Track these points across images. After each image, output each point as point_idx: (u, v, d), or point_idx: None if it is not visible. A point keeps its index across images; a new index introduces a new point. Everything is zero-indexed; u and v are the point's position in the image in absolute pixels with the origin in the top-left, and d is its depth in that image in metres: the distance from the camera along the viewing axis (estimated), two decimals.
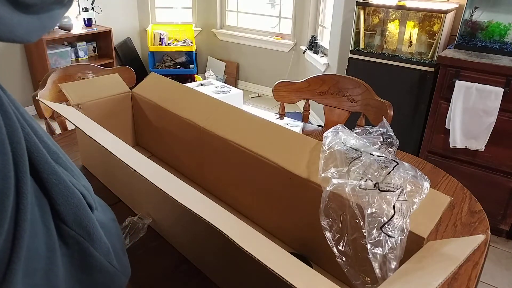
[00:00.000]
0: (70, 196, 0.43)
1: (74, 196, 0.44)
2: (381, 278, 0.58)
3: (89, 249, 0.44)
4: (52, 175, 0.41)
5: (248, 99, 4.06)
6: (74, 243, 0.43)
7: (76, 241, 0.43)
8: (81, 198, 0.44)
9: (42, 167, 0.40)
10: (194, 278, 0.74)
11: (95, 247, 0.45)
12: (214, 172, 0.96)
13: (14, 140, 0.35)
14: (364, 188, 0.64)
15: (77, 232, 0.43)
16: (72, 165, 0.50)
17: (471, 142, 1.92)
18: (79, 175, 0.50)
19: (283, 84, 1.64)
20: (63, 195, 0.42)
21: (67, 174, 0.46)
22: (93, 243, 0.45)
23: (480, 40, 2.08)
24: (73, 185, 0.45)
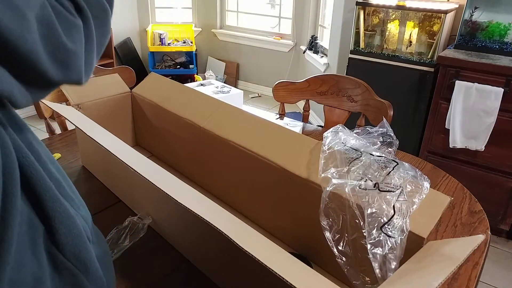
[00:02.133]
0: (71, 226, 0.42)
1: (75, 227, 0.42)
2: (381, 278, 0.58)
3: (84, 283, 0.42)
4: (56, 202, 0.40)
5: (248, 99, 4.06)
6: (69, 275, 0.41)
7: (71, 273, 0.41)
8: (81, 230, 0.43)
9: (47, 194, 0.39)
10: (194, 278, 0.74)
11: (90, 280, 0.43)
12: (214, 172, 0.96)
13: (6, 173, 0.35)
14: (364, 188, 0.64)
15: (74, 264, 0.41)
16: (74, 193, 0.49)
17: (471, 142, 1.92)
18: (79, 204, 0.49)
19: (283, 84, 1.64)
20: (65, 225, 0.41)
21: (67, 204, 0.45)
22: (89, 277, 0.43)
23: (480, 40, 2.08)
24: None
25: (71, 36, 0.37)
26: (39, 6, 0.34)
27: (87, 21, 0.40)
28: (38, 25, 0.34)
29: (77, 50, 0.38)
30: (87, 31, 0.40)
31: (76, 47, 0.38)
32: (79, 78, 0.40)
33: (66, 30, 0.37)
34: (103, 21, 0.43)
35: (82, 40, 0.39)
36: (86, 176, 1.04)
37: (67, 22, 0.37)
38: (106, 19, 0.44)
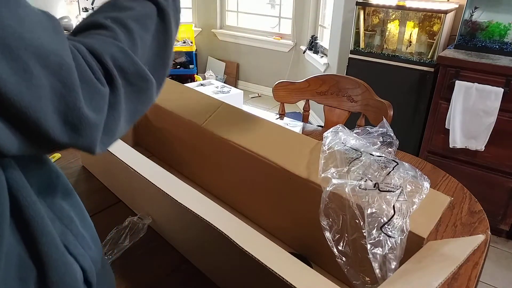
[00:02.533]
0: (66, 274, 0.40)
1: (70, 276, 0.41)
2: (381, 278, 0.58)
3: None
4: (52, 248, 0.39)
5: (248, 99, 4.06)
6: None
7: None
8: (77, 279, 0.41)
9: (43, 239, 0.38)
10: (194, 278, 0.74)
11: None
12: (214, 172, 0.96)
13: None
14: (364, 188, 0.64)
15: None
16: (88, 229, 0.48)
17: (471, 142, 1.92)
18: (91, 241, 0.47)
19: (283, 84, 1.64)
20: (59, 273, 0.39)
21: (75, 244, 0.43)
22: None
23: (480, 40, 2.08)
24: (76, 258, 0.42)
25: (92, 102, 0.35)
26: (59, 63, 0.32)
27: (115, 89, 0.37)
28: (53, 81, 0.32)
29: (94, 119, 0.35)
30: (114, 99, 0.37)
31: (95, 115, 0.35)
32: (91, 147, 0.37)
33: (88, 94, 0.34)
34: (140, 90, 0.40)
35: (105, 109, 0.36)
36: (86, 176, 1.04)
37: (91, 86, 0.35)
38: (146, 88, 0.41)
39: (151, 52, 0.43)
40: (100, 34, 0.39)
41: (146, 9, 0.43)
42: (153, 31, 0.43)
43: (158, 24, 0.44)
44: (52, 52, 0.32)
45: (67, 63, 0.33)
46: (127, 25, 0.40)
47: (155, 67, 0.43)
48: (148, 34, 0.42)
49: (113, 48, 0.38)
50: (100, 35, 0.38)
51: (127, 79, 0.38)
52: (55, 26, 0.34)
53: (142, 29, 0.41)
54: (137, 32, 0.41)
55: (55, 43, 0.32)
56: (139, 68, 0.39)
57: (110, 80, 0.37)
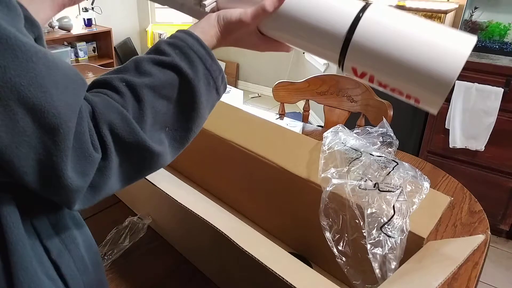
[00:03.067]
0: None
1: None
2: (381, 278, 0.58)
3: None
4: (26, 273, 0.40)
5: (248, 99, 4.06)
6: None
7: None
8: None
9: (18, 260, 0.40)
10: (194, 278, 0.74)
11: None
12: (214, 172, 0.96)
13: None
14: (364, 188, 0.64)
15: None
16: (89, 249, 0.49)
17: (471, 142, 1.92)
18: (90, 264, 0.49)
19: (283, 84, 1.64)
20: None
21: (69, 265, 0.45)
22: None
23: (480, 40, 2.08)
24: (65, 279, 0.44)
25: (79, 165, 0.35)
26: (57, 125, 0.33)
27: (107, 156, 0.37)
28: (44, 138, 0.33)
29: (75, 182, 0.35)
30: (104, 164, 0.37)
31: (77, 178, 0.35)
32: (66, 205, 0.37)
33: (77, 157, 0.35)
34: (138, 158, 0.41)
35: (91, 173, 0.36)
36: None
37: (84, 151, 0.35)
38: (145, 157, 0.41)
39: (169, 119, 0.43)
40: (111, 97, 0.39)
41: (167, 77, 0.42)
42: (173, 100, 0.43)
43: (181, 94, 0.43)
44: (53, 114, 0.33)
45: (67, 127, 0.34)
46: (139, 94, 0.40)
47: (172, 133, 0.44)
48: (164, 102, 0.42)
49: (115, 115, 0.38)
50: (109, 98, 0.39)
51: (123, 148, 0.38)
52: (75, 88, 0.35)
53: (157, 98, 0.41)
54: (148, 101, 0.40)
55: (64, 106, 0.33)
56: (138, 138, 0.39)
57: (103, 146, 0.37)
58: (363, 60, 0.48)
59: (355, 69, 0.49)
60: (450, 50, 0.44)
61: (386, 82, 0.48)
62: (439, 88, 0.44)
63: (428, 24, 0.46)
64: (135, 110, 0.40)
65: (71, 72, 0.36)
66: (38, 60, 0.32)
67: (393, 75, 0.47)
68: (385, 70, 0.47)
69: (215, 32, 0.50)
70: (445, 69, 0.44)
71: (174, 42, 0.45)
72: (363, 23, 0.46)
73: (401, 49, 0.45)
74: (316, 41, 0.50)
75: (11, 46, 0.31)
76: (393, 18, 0.47)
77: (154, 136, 0.41)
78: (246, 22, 0.49)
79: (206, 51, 0.46)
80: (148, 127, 0.40)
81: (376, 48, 0.46)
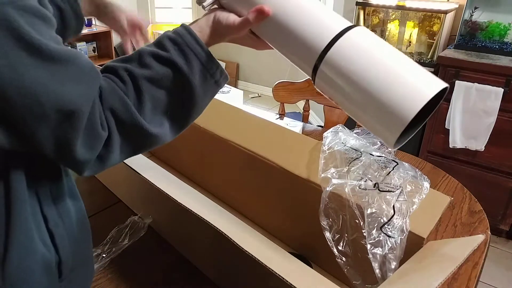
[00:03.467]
0: (28, 256, 0.47)
1: (32, 259, 0.47)
2: (381, 278, 0.58)
3: None
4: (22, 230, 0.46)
5: (248, 99, 4.06)
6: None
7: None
8: (38, 262, 0.48)
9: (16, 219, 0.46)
10: (194, 278, 0.74)
11: None
12: (214, 172, 0.96)
13: None
14: (364, 188, 0.64)
15: None
16: (81, 225, 0.56)
17: (471, 142, 1.92)
18: (82, 239, 0.56)
19: (283, 84, 1.64)
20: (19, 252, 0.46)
21: (62, 235, 0.51)
22: None
23: (480, 40, 2.08)
24: (56, 247, 0.50)
25: (88, 141, 0.43)
26: (73, 111, 0.40)
27: (110, 134, 0.45)
28: (62, 120, 0.40)
29: (83, 155, 0.43)
30: (109, 141, 0.45)
31: (86, 152, 0.43)
32: (77, 171, 0.45)
33: (88, 135, 0.42)
34: (138, 137, 0.48)
35: (98, 148, 0.44)
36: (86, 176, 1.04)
37: (94, 130, 0.43)
38: (143, 136, 0.47)
39: (168, 106, 0.49)
40: (116, 84, 0.46)
41: (164, 71, 0.48)
42: (171, 90, 0.49)
43: (177, 86, 0.49)
44: (71, 102, 0.40)
45: (82, 112, 0.41)
46: (139, 84, 0.47)
47: (172, 118, 0.50)
48: (162, 92, 0.48)
49: (117, 101, 0.45)
50: (115, 85, 0.46)
51: (122, 128, 0.45)
52: (90, 80, 0.43)
53: (154, 88, 0.48)
54: (147, 90, 0.47)
55: (80, 96, 0.41)
56: (135, 121, 0.46)
57: (108, 126, 0.44)
58: (331, 78, 0.48)
59: (323, 88, 0.51)
60: (415, 87, 0.44)
61: (346, 107, 0.50)
62: (394, 121, 0.44)
63: (404, 60, 0.46)
64: (135, 97, 0.46)
65: (87, 67, 0.43)
66: (68, 64, 0.40)
67: (354, 100, 0.47)
68: (349, 94, 0.47)
69: (211, 32, 0.53)
70: (404, 106, 0.43)
71: (175, 39, 0.50)
72: (341, 42, 0.47)
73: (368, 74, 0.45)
74: (295, 52, 0.52)
75: (43, 52, 0.38)
76: (372, 45, 0.47)
77: (155, 119, 0.48)
78: (234, 30, 0.53)
79: (202, 49, 0.50)
80: (148, 112, 0.47)
81: (345, 69, 0.46)
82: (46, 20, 0.40)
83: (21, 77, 0.37)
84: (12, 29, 0.36)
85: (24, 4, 0.38)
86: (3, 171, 0.45)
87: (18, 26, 0.37)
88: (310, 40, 0.49)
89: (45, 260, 0.49)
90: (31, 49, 0.38)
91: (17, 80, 0.37)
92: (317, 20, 0.49)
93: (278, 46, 0.54)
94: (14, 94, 0.37)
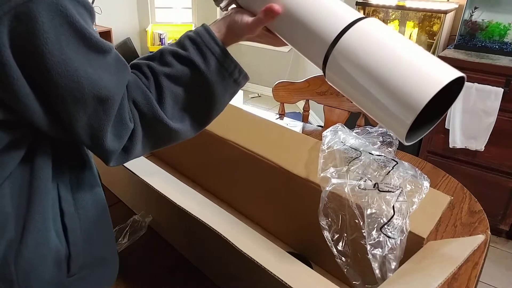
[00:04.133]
0: (42, 246, 0.48)
1: (45, 249, 0.48)
2: (380, 278, 0.58)
3: None
4: (40, 221, 0.47)
5: (248, 99, 4.06)
6: None
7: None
8: (52, 255, 0.49)
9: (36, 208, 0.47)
10: (194, 278, 0.74)
11: None
12: (214, 172, 0.95)
13: None
14: (364, 188, 0.64)
15: None
16: (100, 224, 0.57)
17: (471, 142, 1.92)
18: (99, 237, 0.56)
19: (283, 84, 1.64)
20: (34, 241, 0.47)
21: (75, 231, 0.52)
22: None
23: (480, 40, 2.08)
24: (68, 242, 0.51)
25: (117, 130, 0.46)
26: (107, 97, 0.44)
27: (135, 126, 0.48)
28: (97, 106, 0.44)
29: (113, 144, 0.46)
30: (134, 133, 0.48)
31: (115, 140, 0.47)
32: (105, 160, 0.49)
33: (117, 123, 0.46)
34: (159, 130, 0.50)
35: (125, 138, 0.47)
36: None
37: (123, 119, 0.46)
38: (164, 129, 0.50)
39: (188, 102, 0.52)
40: (141, 79, 0.50)
41: (183, 69, 0.51)
42: (190, 87, 0.51)
43: (196, 83, 0.51)
44: (106, 88, 0.44)
45: (115, 99, 0.45)
46: (160, 80, 0.50)
47: (192, 114, 0.53)
48: (181, 89, 0.51)
49: (140, 94, 0.48)
50: (139, 79, 0.50)
51: (145, 121, 0.49)
52: (122, 70, 0.47)
53: (174, 85, 0.50)
54: (167, 86, 0.50)
55: (114, 84, 0.45)
56: (156, 115, 0.49)
57: (133, 118, 0.48)
58: (342, 66, 0.48)
59: (334, 80, 0.51)
60: (429, 73, 0.42)
61: (357, 99, 0.49)
62: (406, 109, 0.43)
63: (418, 48, 0.45)
64: (156, 93, 0.50)
65: (119, 60, 0.47)
66: (106, 55, 0.44)
67: (366, 90, 0.46)
68: (361, 83, 0.46)
69: (227, 31, 0.55)
70: (417, 92, 0.42)
71: (194, 38, 0.52)
72: (352, 31, 0.47)
73: (380, 62, 0.44)
74: (306, 44, 0.52)
75: (93, 46, 0.42)
76: (384, 34, 0.46)
77: (176, 114, 0.51)
78: (248, 29, 0.54)
79: (220, 48, 0.52)
80: (169, 107, 0.50)
81: (357, 57, 0.46)
82: (92, 13, 0.44)
83: (69, 61, 0.40)
84: (67, 16, 0.40)
85: (83, 1, 0.42)
86: (31, 160, 0.47)
87: (72, 15, 0.40)
88: (321, 31, 0.49)
89: (57, 251, 0.50)
90: (81, 37, 0.41)
91: (65, 64, 0.40)
92: (328, 12, 0.50)
93: (291, 40, 0.54)
94: (60, 77, 0.40)
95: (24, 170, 0.47)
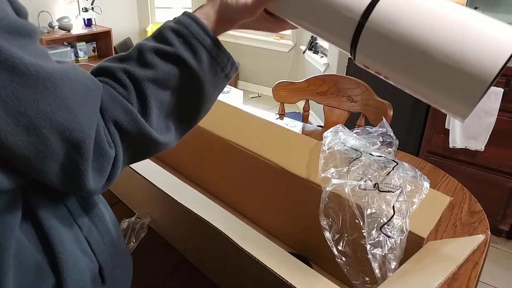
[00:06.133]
0: (80, 275, 0.42)
1: (82, 275, 0.43)
2: (380, 278, 0.58)
3: None
4: (68, 256, 0.41)
5: (248, 99, 4.06)
6: None
7: None
8: (88, 276, 0.43)
9: (60, 248, 0.40)
10: (194, 278, 0.74)
11: None
12: (214, 172, 0.95)
13: None
14: (364, 189, 0.64)
15: None
16: (114, 223, 0.51)
17: (471, 142, 1.92)
18: (117, 237, 0.50)
19: (283, 84, 1.64)
20: (72, 276, 0.41)
21: (98, 241, 0.46)
22: None
23: None
24: (95, 253, 0.45)
25: (98, 164, 0.38)
26: (82, 139, 0.35)
27: (117, 149, 0.40)
28: (70, 151, 0.35)
29: (97, 184, 0.39)
30: (116, 158, 0.40)
31: (97, 177, 0.38)
32: (86, 195, 0.43)
33: (97, 159, 0.37)
34: (144, 146, 0.43)
35: (108, 169, 0.39)
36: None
37: (102, 153, 0.38)
38: (149, 144, 0.43)
39: (175, 107, 0.44)
40: (116, 89, 0.40)
41: (170, 69, 0.42)
42: (178, 90, 0.43)
43: (185, 84, 0.43)
44: (79, 130, 0.35)
45: (90, 137, 0.36)
46: (143, 88, 0.40)
47: (178, 118, 0.45)
48: (168, 93, 0.42)
49: (120, 110, 0.39)
50: (114, 91, 0.40)
51: (129, 140, 0.40)
52: (93, 96, 0.37)
53: (160, 90, 0.42)
54: (152, 94, 0.41)
55: (87, 118, 0.35)
56: (144, 131, 0.40)
57: (113, 142, 0.39)
58: (381, 42, 0.39)
59: (369, 61, 0.43)
60: (492, 37, 0.35)
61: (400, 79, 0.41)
62: (471, 85, 0.36)
63: (470, 10, 0.37)
64: (139, 104, 0.40)
65: (88, 81, 0.37)
66: (64, 84, 0.34)
67: (413, 66, 0.38)
68: (407, 59, 0.38)
69: (218, 18, 0.47)
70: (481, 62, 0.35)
71: (179, 29, 0.43)
72: (382, 5, 0.39)
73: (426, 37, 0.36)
74: (327, 22, 0.44)
75: (41, 79, 0.32)
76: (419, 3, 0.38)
77: (161, 124, 0.43)
78: (247, 13, 0.46)
79: (212, 40, 0.44)
80: (154, 117, 0.41)
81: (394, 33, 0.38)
82: (32, 34, 0.34)
83: (19, 109, 0.31)
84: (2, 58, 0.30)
85: (7, 24, 0.31)
86: (33, 209, 0.40)
87: (7, 53, 0.30)
88: (347, 2, 0.41)
89: (91, 270, 0.45)
90: (25, 77, 0.31)
91: (14, 114, 0.31)
92: None
93: (306, 20, 0.45)
94: (10, 133, 0.31)
95: (29, 218, 0.40)
